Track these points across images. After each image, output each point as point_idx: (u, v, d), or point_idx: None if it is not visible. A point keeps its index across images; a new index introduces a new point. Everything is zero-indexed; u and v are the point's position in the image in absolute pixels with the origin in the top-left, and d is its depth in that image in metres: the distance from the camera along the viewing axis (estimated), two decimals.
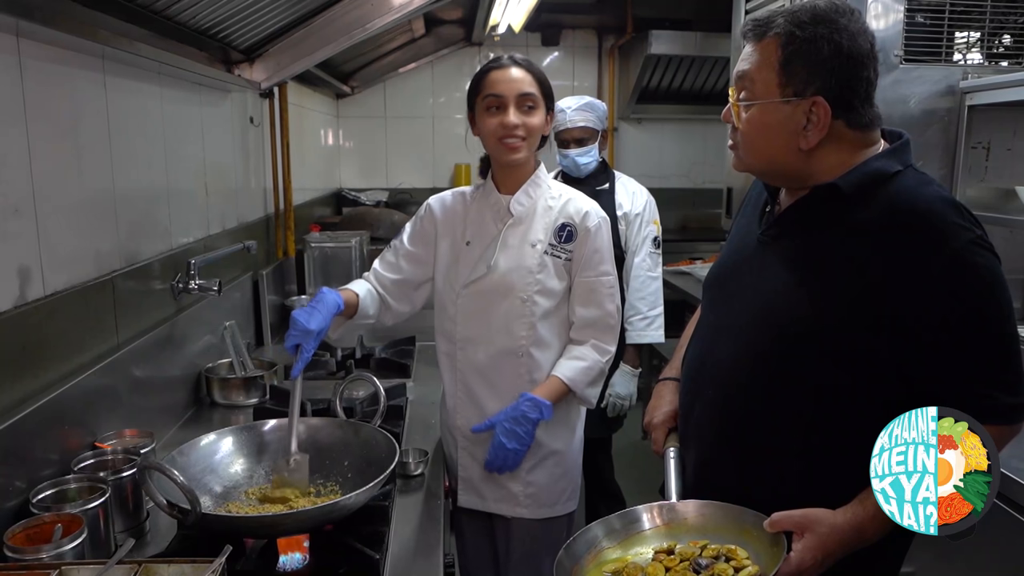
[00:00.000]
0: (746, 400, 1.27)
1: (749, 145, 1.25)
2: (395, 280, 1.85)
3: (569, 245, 1.75)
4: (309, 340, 1.54)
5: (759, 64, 1.21)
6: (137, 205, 1.93)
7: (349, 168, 5.33)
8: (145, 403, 1.85)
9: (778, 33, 1.19)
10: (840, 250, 1.20)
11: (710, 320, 1.40)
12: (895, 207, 1.17)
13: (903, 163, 1.23)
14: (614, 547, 1.25)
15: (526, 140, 1.71)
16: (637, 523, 1.28)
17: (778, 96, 1.19)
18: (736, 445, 1.30)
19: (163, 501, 1.31)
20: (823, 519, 1.11)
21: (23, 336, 1.42)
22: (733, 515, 1.22)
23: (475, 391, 1.80)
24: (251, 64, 2.71)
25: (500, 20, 4.21)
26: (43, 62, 1.50)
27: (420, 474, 1.78)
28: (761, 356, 1.25)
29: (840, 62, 1.17)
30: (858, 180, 1.20)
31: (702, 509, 1.26)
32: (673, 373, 1.55)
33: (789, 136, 1.20)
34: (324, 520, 1.38)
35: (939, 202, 1.17)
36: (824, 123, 1.18)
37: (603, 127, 2.73)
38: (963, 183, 2.55)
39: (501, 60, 1.74)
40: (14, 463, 1.33)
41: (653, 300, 2.71)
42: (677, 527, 1.26)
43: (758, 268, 1.31)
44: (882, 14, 2.48)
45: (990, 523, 1.72)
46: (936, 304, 1.12)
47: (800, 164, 1.23)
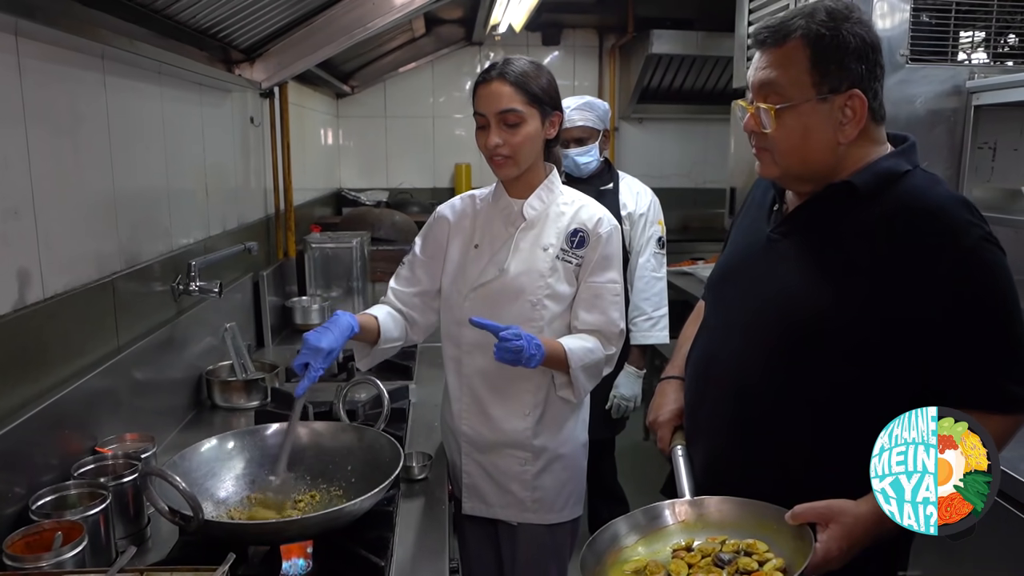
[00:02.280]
0: (758, 396, 1.29)
1: (787, 149, 1.25)
2: (415, 293, 1.82)
3: (581, 251, 1.74)
4: (318, 359, 1.51)
5: (786, 68, 1.22)
6: (137, 206, 1.91)
7: (349, 168, 5.31)
8: (146, 406, 1.83)
9: (803, 35, 1.20)
10: (853, 247, 1.22)
11: (718, 318, 1.41)
12: (907, 205, 1.20)
13: (912, 163, 1.26)
14: (634, 545, 1.25)
15: (511, 157, 1.68)
16: (660, 518, 1.28)
17: (814, 96, 1.21)
18: (748, 442, 1.31)
19: (165, 508, 1.29)
20: (847, 509, 1.12)
21: (23, 340, 1.40)
22: (753, 510, 1.22)
23: (481, 397, 1.78)
24: (252, 64, 2.70)
25: (501, 20, 4.20)
26: (43, 62, 1.49)
27: (424, 478, 1.76)
28: (774, 352, 1.27)
29: (866, 52, 1.21)
30: (872, 178, 1.23)
31: (721, 505, 1.27)
32: (676, 372, 1.55)
33: (828, 133, 1.22)
34: (329, 526, 1.37)
35: (950, 200, 1.21)
36: (862, 115, 1.21)
37: (604, 126, 2.71)
38: (969, 183, 2.54)
39: (490, 73, 1.68)
40: (14, 469, 1.32)
41: (658, 301, 2.69)
42: (697, 523, 1.26)
43: (768, 266, 1.32)
44: (888, 13, 2.46)
45: (998, 525, 1.71)
46: (948, 298, 1.15)
47: (833, 161, 1.25)
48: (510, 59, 1.69)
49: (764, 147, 1.28)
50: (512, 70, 1.66)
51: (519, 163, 1.69)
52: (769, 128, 1.24)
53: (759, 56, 1.27)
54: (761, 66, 1.26)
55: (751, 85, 1.28)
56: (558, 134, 1.76)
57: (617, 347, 1.78)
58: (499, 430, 1.78)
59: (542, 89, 1.68)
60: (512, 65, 1.67)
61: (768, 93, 1.24)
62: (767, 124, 1.24)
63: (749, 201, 1.49)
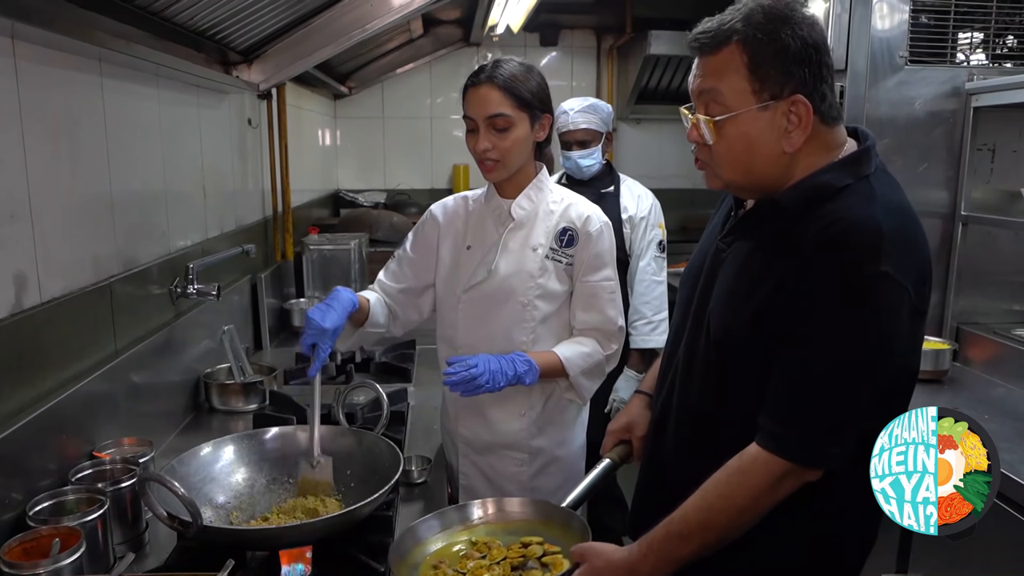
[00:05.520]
0: (698, 398, 1.29)
1: (729, 161, 1.20)
2: (400, 288, 1.83)
3: (570, 249, 1.73)
4: (325, 339, 1.52)
5: (724, 75, 1.15)
6: (135, 209, 1.90)
7: (346, 169, 5.30)
8: (144, 410, 1.82)
9: (739, 40, 1.14)
10: (768, 266, 1.17)
11: (677, 320, 1.42)
12: (824, 228, 1.12)
13: (856, 175, 1.17)
14: (437, 538, 1.36)
15: (500, 161, 1.67)
16: (468, 518, 1.41)
17: (754, 103, 1.14)
18: (689, 440, 1.32)
19: (163, 513, 1.29)
20: (601, 553, 1.20)
21: (20, 344, 1.39)
22: (543, 509, 1.40)
23: (478, 398, 1.77)
24: (249, 65, 2.69)
25: (499, 20, 4.19)
26: (39, 64, 1.48)
27: (423, 482, 1.76)
28: (706, 358, 1.27)
29: (808, 54, 1.13)
30: (800, 196, 1.17)
31: (526, 507, 1.42)
32: (645, 387, 1.55)
33: (773, 143, 1.16)
34: (329, 532, 1.36)
35: (868, 226, 1.10)
36: (807, 121, 1.14)
37: (607, 129, 2.71)
38: (968, 185, 2.54)
39: (479, 76, 1.67)
40: (11, 474, 1.31)
41: (658, 304, 2.69)
42: (500, 524, 1.40)
43: (709, 273, 1.31)
44: (887, 15, 2.47)
45: (999, 528, 1.71)
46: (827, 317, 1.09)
47: (780, 171, 1.19)
48: (499, 61, 1.68)
49: (706, 159, 1.23)
50: (501, 74, 1.64)
51: (508, 167, 1.69)
52: (710, 140, 1.19)
53: (696, 63, 1.21)
54: (698, 74, 1.19)
55: (691, 93, 1.23)
56: (549, 135, 1.76)
57: (618, 344, 1.78)
58: (496, 431, 1.78)
59: (531, 92, 1.67)
60: (501, 68, 1.66)
61: (707, 102, 1.18)
62: (708, 136, 1.18)
63: (719, 201, 1.47)
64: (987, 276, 2.63)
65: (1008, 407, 2.23)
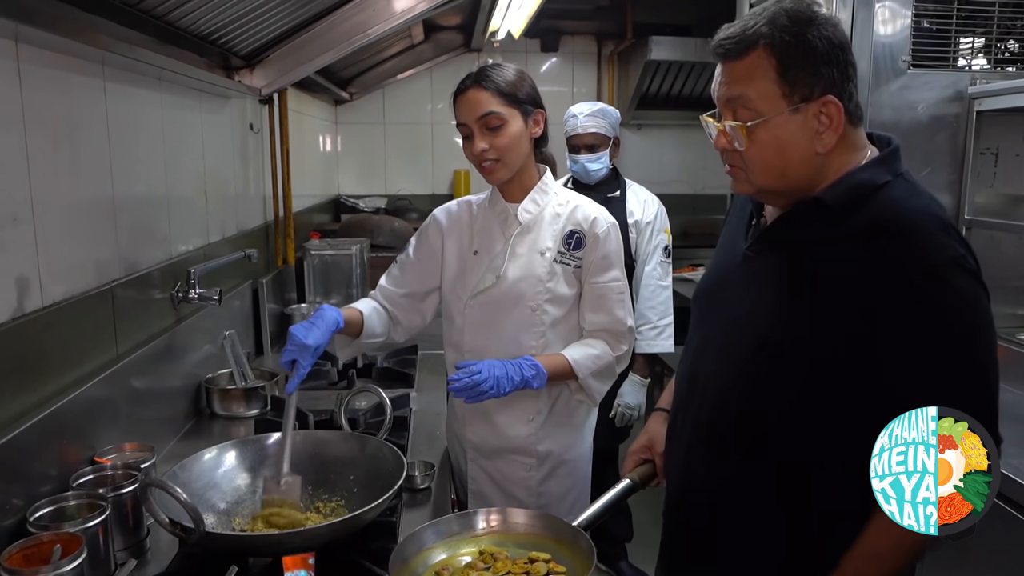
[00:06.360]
0: (733, 413, 1.26)
1: (762, 166, 1.19)
2: (403, 293, 1.82)
3: (578, 252, 1.73)
4: (306, 355, 1.51)
5: (752, 80, 1.15)
6: (136, 213, 1.89)
7: (347, 175, 5.30)
8: (145, 415, 1.81)
9: (767, 43, 1.13)
10: (823, 266, 1.17)
11: (700, 334, 1.38)
12: (879, 221, 1.14)
13: (893, 172, 1.19)
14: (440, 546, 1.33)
15: (499, 160, 1.67)
16: (471, 528, 1.38)
17: (785, 107, 1.14)
18: (723, 455, 1.28)
19: (165, 519, 1.27)
20: None
21: (21, 348, 1.38)
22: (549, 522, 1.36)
23: (485, 402, 1.76)
24: (251, 70, 2.69)
25: (500, 26, 4.19)
26: (42, 68, 1.47)
27: (427, 487, 1.74)
28: (746, 371, 1.24)
29: (835, 54, 1.14)
30: (844, 193, 1.17)
31: (535, 520, 1.38)
32: (663, 404, 1.53)
33: (805, 145, 1.16)
34: (332, 538, 1.35)
35: (924, 216, 1.14)
36: (839, 121, 1.14)
37: (615, 134, 2.71)
38: (972, 189, 2.53)
39: (465, 82, 1.69)
40: (11, 480, 1.29)
41: (663, 309, 2.69)
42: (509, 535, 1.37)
43: (743, 282, 1.28)
44: (889, 19, 2.46)
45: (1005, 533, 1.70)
46: (911, 320, 1.10)
47: (813, 172, 1.19)
48: (484, 67, 1.70)
49: (737, 165, 1.21)
50: (486, 75, 1.67)
51: (508, 165, 1.69)
52: (741, 146, 1.18)
53: (722, 69, 1.20)
54: (725, 80, 1.19)
55: (717, 100, 1.22)
56: (545, 132, 1.75)
57: (628, 344, 1.78)
58: (503, 436, 1.78)
59: (518, 88, 1.68)
60: (486, 71, 1.69)
61: (736, 108, 1.17)
62: (739, 142, 1.17)
63: (731, 209, 1.45)
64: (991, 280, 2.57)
65: (1012, 412, 2.21)
